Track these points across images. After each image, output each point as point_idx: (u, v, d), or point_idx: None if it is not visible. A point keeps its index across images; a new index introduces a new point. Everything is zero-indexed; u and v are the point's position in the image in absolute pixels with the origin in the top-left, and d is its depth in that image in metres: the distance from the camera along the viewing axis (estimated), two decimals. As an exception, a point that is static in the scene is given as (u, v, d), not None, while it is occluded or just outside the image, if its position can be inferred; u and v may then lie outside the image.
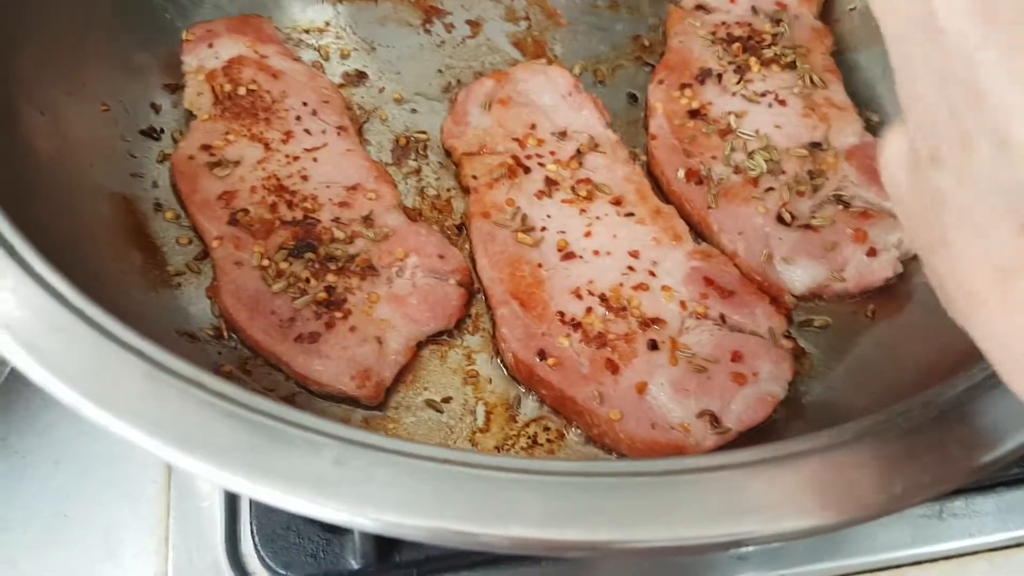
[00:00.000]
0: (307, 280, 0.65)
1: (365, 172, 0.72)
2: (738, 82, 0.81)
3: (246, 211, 0.68)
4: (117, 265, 0.66)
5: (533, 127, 0.78)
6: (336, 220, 0.69)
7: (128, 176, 0.72)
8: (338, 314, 0.65)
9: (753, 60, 0.82)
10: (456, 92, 0.81)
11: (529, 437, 0.65)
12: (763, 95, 0.80)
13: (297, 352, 0.63)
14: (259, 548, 0.66)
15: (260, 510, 0.66)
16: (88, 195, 0.68)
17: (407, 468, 0.38)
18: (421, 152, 0.79)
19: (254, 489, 0.37)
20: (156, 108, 0.77)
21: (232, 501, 0.68)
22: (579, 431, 0.66)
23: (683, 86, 0.82)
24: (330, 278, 0.66)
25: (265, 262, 0.66)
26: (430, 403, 0.66)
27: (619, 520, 0.38)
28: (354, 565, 0.64)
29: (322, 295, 0.65)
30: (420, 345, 0.68)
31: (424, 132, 0.80)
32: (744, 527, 0.38)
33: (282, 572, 0.65)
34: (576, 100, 0.80)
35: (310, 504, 0.37)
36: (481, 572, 0.66)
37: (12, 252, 0.45)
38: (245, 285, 0.65)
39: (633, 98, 0.84)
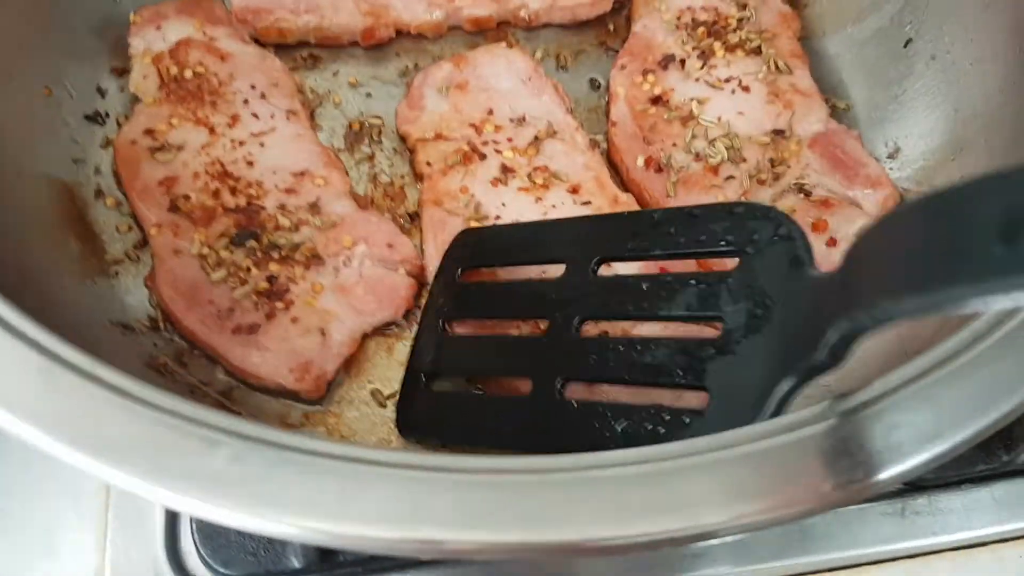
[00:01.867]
0: (248, 269, 0.63)
1: (314, 158, 0.70)
2: (701, 67, 0.79)
3: (187, 197, 0.66)
4: (51, 253, 0.64)
5: (491, 113, 0.76)
6: (282, 207, 0.67)
7: (70, 162, 0.70)
8: (279, 304, 0.63)
9: (718, 45, 0.80)
10: (413, 76, 0.79)
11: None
12: (727, 81, 0.78)
13: (234, 344, 0.61)
14: (199, 546, 0.64)
15: None
16: (25, 181, 0.65)
17: (309, 467, 0.36)
18: (375, 138, 0.77)
19: (145, 488, 0.35)
20: (102, 92, 0.75)
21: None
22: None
23: (646, 72, 0.79)
24: (272, 267, 0.64)
25: (205, 250, 0.64)
26: (374, 397, 0.64)
27: (532, 520, 0.36)
28: (295, 564, 0.63)
29: (263, 285, 0.63)
30: (366, 337, 0.66)
31: (379, 117, 0.78)
32: (663, 525, 0.36)
33: (222, 570, 0.63)
34: (536, 85, 0.78)
35: (202, 505, 0.35)
36: (430, 571, 0.64)
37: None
38: (183, 274, 0.63)
39: (595, 84, 0.82)
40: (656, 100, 0.78)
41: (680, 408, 0.48)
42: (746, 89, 0.78)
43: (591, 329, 0.58)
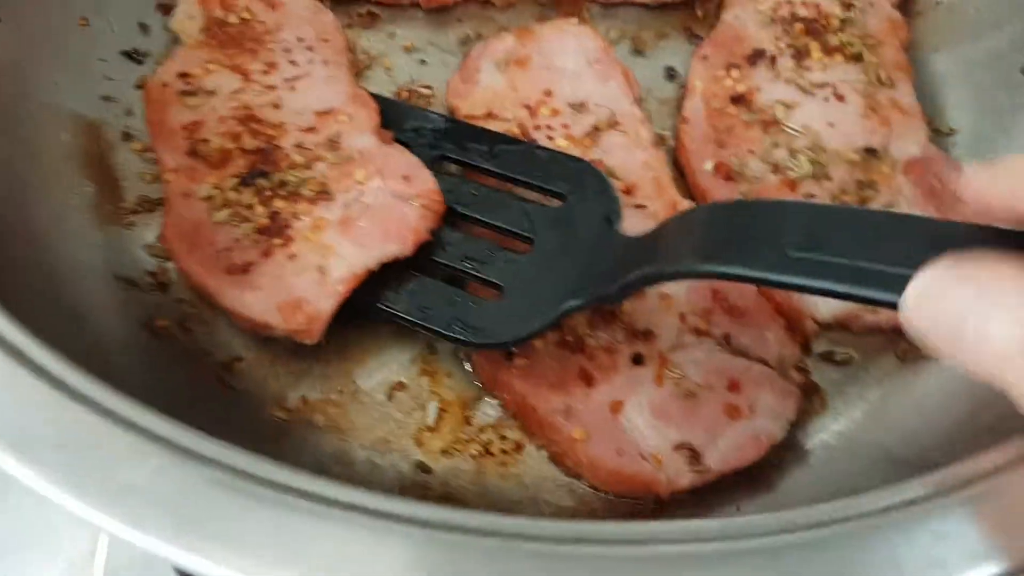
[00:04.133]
0: (251, 207, 0.58)
1: (343, 96, 0.65)
2: (794, 68, 0.70)
3: (207, 141, 0.61)
4: (63, 194, 0.60)
5: (549, 94, 0.69)
6: (298, 146, 0.61)
7: (98, 100, 0.66)
8: (278, 241, 0.57)
9: (815, 45, 0.71)
10: (472, 46, 0.73)
11: (482, 444, 0.58)
12: (820, 87, 0.69)
13: (228, 285, 0.56)
14: None
15: None
16: (45, 116, 0.62)
17: (232, 493, 0.31)
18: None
19: (56, 496, 0.31)
20: (145, 29, 0.71)
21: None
22: (540, 447, 0.58)
23: (730, 66, 0.71)
24: (278, 204, 0.59)
25: (214, 191, 0.59)
26: (379, 387, 0.59)
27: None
28: None
29: (264, 222, 0.58)
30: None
31: (429, 87, 0.72)
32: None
33: None
34: (603, 69, 0.71)
35: (114, 523, 0.30)
36: None
37: None
38: (188, 216, 0.59)
39: (672, 74, 0.74)
40: (738, 99, 0.70)
41: (475, 297, 0.57)
42: (840, 98, 0.69)
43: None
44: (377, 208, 0.59)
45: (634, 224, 0.63)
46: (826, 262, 0.38)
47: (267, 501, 0.34)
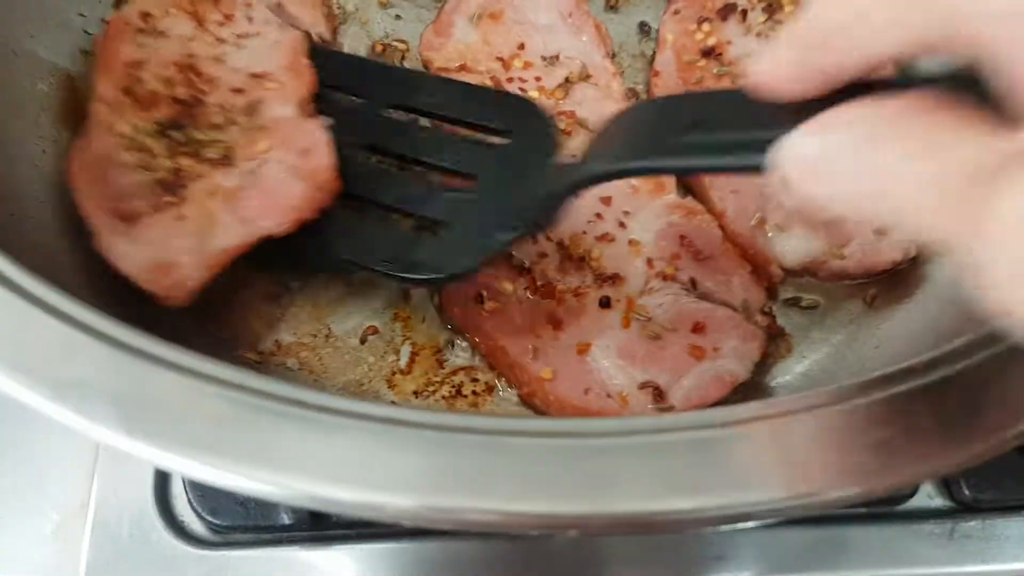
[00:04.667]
0: (156, 157, 0.58)
1: (281, 63, 0.64)
2: (765, 21, 0.71)
3: (142, 81, 0.62)
4: (36, 143, 0.61)
5: (522, 47, 0.70)
6: (221, 105, 0.62)
7: (78, 52, 0.67)
8: (171, 198, 0.57)
9: (787, -1, 0.72)
10: (447, 1, 0.73)
11: (453, 386, 0.59)
12: (790, 39, 0.70)
13: (110, 229, 0.55)
14: (187, 489, 0.62)
15: None
16: (22, 67, 0.63)
17: (312, 424, 0.32)
18: (397, 63, 0.71)
19: (126, 444, 0.32)
20: (124, -16, 0.71)
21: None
22: (511, 389, 0.59)
23: (701, 20, 0.72)
24: (183, 161, 0.59)
25: (128, 130, 0.59)
26: (353, 332, 0.60)
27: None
28: (285, 520, 0.60)
29: (164, 176, 0.58)
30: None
31: (404, 41, 0.72)
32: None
33: (209, 518, 0.60)
34: (576, 23, 0.72)
35: (187, 463, 0.31)
36: (429, 541, 0.60)
37: None
38: (98, 148, 0.58)
39: (645, 29, 0.75)
40: (708, 52, 0.71)
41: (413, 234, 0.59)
42: (810, 50, 0.70)
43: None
44: (268, 181, 0.57)
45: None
46: (711, 141, 0.41)
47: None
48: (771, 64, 0.36)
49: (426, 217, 0.58)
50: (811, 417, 0.40)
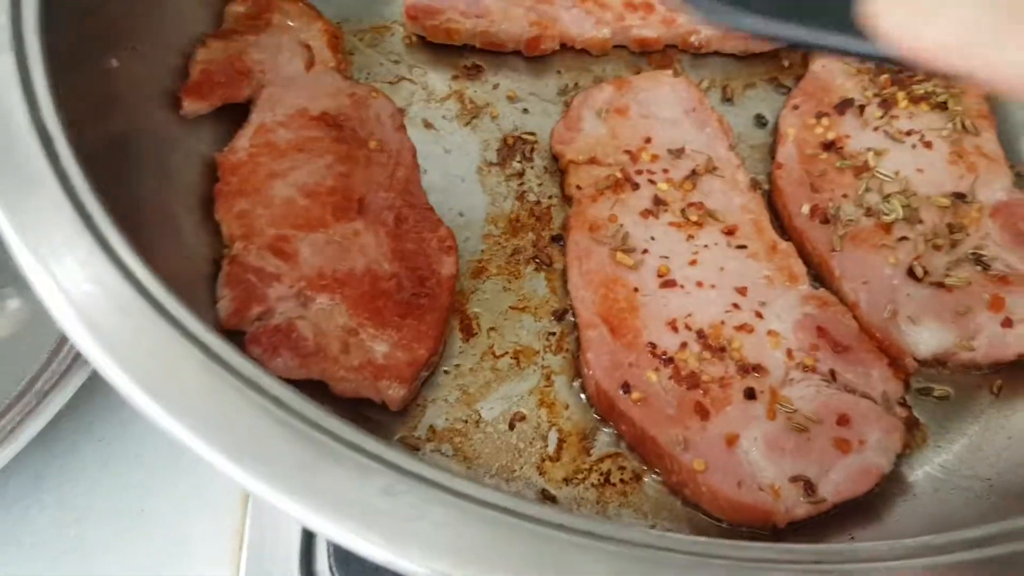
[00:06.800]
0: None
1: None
2: (882, 117, 0.74)
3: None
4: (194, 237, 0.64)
5: (648, 141, 0.73)
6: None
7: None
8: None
9: (901, 95, 0.75)
10: (572, 96, 0.77)
11: (601, 474, 0.61)
12: (908, 134, 0.73)
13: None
14: (333, 568, 0.63)
15: None
16: (181, 158, 0.66)
17: (461, 511, 0.34)
18: (527, 155, 0.75)
19: (296, 510, 0.34)
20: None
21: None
22: (657, 476, 0.61)
23: (820, 114, 0.75)
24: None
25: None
26: (502, 418, 0.62)
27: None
28: None
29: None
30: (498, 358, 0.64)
31: (533, 134, 0.76)
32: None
33: None
34: (699, 117, 0.75)
35: (351, 536, 0.33)
36: None
37: (87, 219, 0.43)
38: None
39: (762, 122, 0.78)
40: (828, 146, 0.73)
41: None
42: (928, 145, 0.72)
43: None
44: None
45: (737, 267, 0.66)
46: None
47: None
48: None
49: None
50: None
